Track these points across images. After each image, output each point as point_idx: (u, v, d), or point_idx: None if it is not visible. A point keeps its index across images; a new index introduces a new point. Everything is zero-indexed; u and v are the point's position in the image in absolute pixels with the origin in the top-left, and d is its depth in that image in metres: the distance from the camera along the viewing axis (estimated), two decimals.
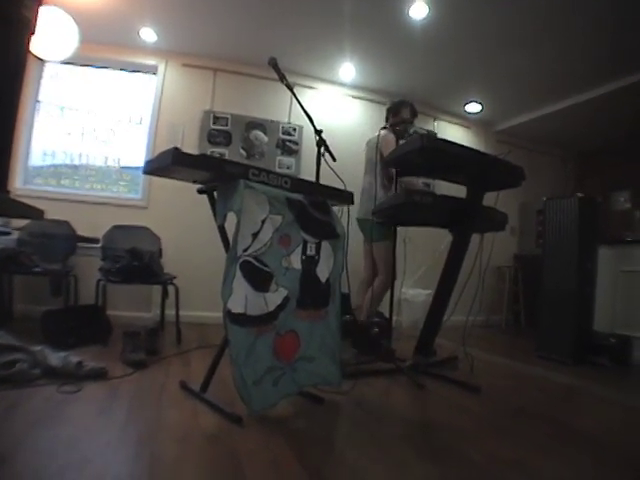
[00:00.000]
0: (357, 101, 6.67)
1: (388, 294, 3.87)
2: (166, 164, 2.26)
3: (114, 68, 5.77)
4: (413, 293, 6.17)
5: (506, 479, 1.90)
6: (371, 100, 6.67)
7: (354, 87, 6.54)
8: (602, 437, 2.51)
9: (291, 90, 3.21)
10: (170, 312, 4.52)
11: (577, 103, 6.19)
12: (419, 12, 4.57)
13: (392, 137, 4.22)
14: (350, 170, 3.74)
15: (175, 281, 4.40)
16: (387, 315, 3.95)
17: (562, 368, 4.31)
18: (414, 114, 4.54)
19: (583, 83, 5.80)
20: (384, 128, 4.28)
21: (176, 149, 2.22)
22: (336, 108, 6.52)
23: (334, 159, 3.09)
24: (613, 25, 4.45)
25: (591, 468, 2.06)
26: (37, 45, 4.37)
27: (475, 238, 3.64)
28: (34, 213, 2.17)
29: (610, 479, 1.95)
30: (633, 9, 4.16)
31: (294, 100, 3.27)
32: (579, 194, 4.74)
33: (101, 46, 5.45)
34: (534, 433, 2.52)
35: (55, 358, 2.83)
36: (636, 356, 4.55)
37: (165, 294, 4.60)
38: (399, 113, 4.48)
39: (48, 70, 5.48)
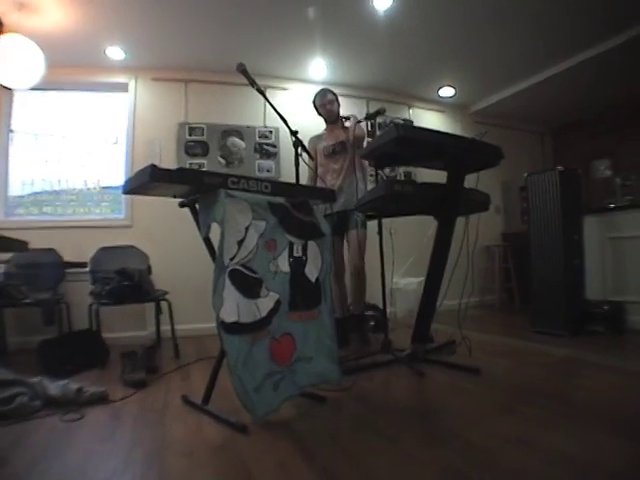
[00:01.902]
0: None
1: (378, 284, 3.86)
2: (144, 182, 2.27)
3: (84, 89, 5.72)
4: (405, 282, 6.20)
5: (509, 457, 1.91)
6: (346, 95, 6.65)
7: (328, 84, 6.50)
8: (604, 406, 2.52)
9: (262, 94, 3.22)
10: (166, 328, 4.51)
11: (549, 77, 6.22)
12: (383, 3, 4.57)
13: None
14: None
15: (167, 296, 4.40)
16: (381, 307, 3.96)
17: (559, 341, 4.33)
18: (323, 96, 4.70)
19: (553, 56, 5.83)
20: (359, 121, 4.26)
21: (153, 166, 2.22)
22: (311, 107, 6.50)
23: (312, 158, 3.10)
24: None
25: (595, 438, 2.07)
26: (3, 75, 4.35)
27: (461, 221, 3.65)
28: (17, 245, 2.17)
29: (614, 448, 1.96)
30: None
31: (268, 104, 3.27)
32: (559, 167, 4.76)
33: (68, 69, 5.41)
34: (536, 409, 2.53)
35: (54, 387, 2.82)
36: (631, 320, 4.59)
37: (159, 311, 4.59)
38: (317, 107, 4.80)
39: (18, 98, 5.44)
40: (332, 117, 4.61)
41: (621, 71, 5.95)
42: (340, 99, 6.65)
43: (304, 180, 3.19)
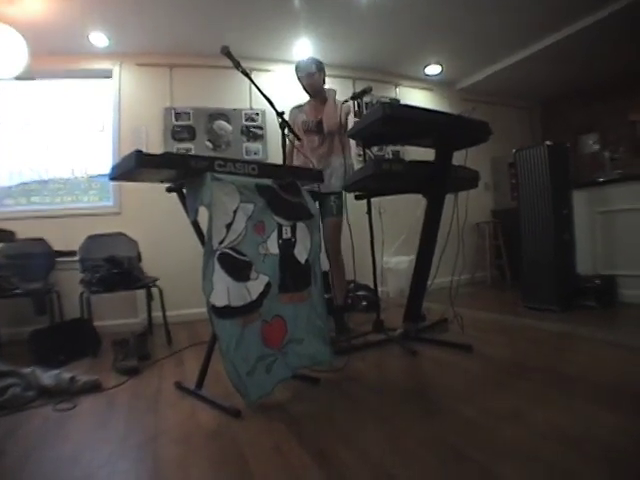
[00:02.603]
0: None
1: (369, 264, 3.86)
2: (130, 168, 2.24)
3: (68, 77, 5.64)
4: (395, 261, 6.20)
5: (503, 432, 1.93)
6: (332, 75, 6.60)
7: None
8: (597, 380, 2.54)
9: (247, 76, 3.18)
10: (157, 314, 4.50)
11: (535, 52, 6.18)
12: None
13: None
14: None
15: (158, 283, 4.39)
16: (372, 287, 3.96)
17: (551, 316, 4.36)
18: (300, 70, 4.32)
19: (538, 31, 5.79)
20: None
21: (138, 152, 2.20)
22: (299, 88, 6.46)
23: (298, 139, 3.07)
24: None
25: (588, 412, 2.09)
26: None
27: (450, 198, 3.64)
28: (4, 235, 2.14)
29: (608, 421, 1.97)
30: None
31: (253, 86, 3.24)
32: (547, 142, 4.75)
33: (52, 57, 5.32)
34: (529, 384, 2.55)
35: (47, 377, 2.81)
36: (622, 294, 4.62)
37: (149, 297, 4.55)
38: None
39: (1, 89, 5.37)
40: (313, 91, 4.26)
41: (607, 45, 5.93)
42: (327, 79, 6.63)
43: (305, 158, 3.18)
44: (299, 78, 4.28)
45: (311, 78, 4.19)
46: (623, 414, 2.03)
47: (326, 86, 4.23)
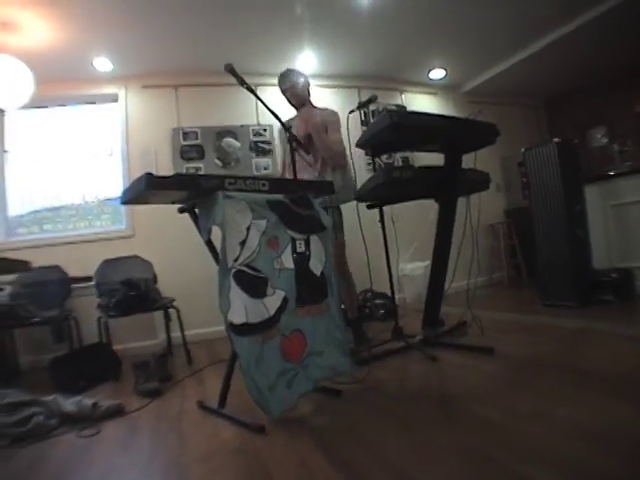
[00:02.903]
0: (325, 89, 6.62)
1: (385, 272, 3.85)
2: (141, 191, 2.26)
3: (75, 103, 5.70)
4: (411, 267, 6.18)
5: (526, 432, 1.92)
6: (337, 86, 6.65)
7: (317, 76, 6.49)
8: (618, 375, 2.52)
9: (252, 92, 3.18)
10: (176, 335, 4.52)
11: (536, 50, 6.18)
12: None
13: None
14: None
15: (175, 303, 4.40)
16: (389, 294, 3.95)
17: (570, 313, 4.32)
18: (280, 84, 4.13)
19: (542, 27, 5.77)
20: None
21: (148, 174, 2.21)
22: None
23: (307, 152, 3.07)
24: None
25: (612, 409, 2.06)
26: None
27: (462, 202, 3.63)
28: (19, 265, 2.16)
29: (627, 414, 1.95)
30: None
31: (259, 101, 3.25)
32: (556, 139, 4.73)
33: (57, 84, 5.37)
34: (551, 383, 2.53)
35: (69, 404, 2.81)
36: (639, 286, 4.58)
37: (167, 318, 4.57)
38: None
39: (9, 119, 5.42)
40: (299, 102, 4.07)
41: (608, 39, 5.90)
42: (331, 90, 6.64)
43: (301, 174, 3.16)
44: (283, 91, 4.10)
45: (295, 88, 4.02)
46: None
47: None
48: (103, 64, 5.30)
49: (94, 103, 5.78)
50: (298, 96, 4.02)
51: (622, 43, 6.08)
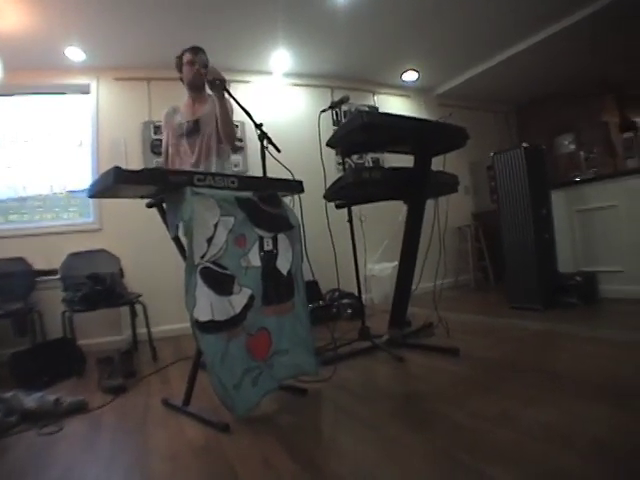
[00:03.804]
0: (298, 88, 6.66)
1: (352, 272, 3.86)
2: (109, 185, 2.23)
3: (45, 92, 5.59)
4: (379, 268, 6.21)
5: (494, 433, 1.93)
6: (310, 85, 6.67)
7: (290, 74, 6.51)
8: (582, 376, 2.57)
9: (227, 91, 3.19)
10: (142, 331, 4.47)
11: (509, 57, 6.29)
12: None
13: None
14: (301, 158, 3.77)
15: (141, 299, 4.37)
16: (357, 294, 3.97)
17: (535, 315, 4.40)
18: (194, 53, 3.64)
19: (512, 36, 5.88)
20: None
21: (117, 168, 2.19)
22: (277, 98, 6.50)
23: (278, 150, 3.06)
24: None
25: (576, 408, 2.10)
26: None
27: (431, 203, 3.67)
28: None
29: (596, 416, 1.99)
30: None
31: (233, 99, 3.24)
32: (524, 144, 4.80)
33: (27, 72, 5.27)
34: (516, 384, 2.56)
35: (30, 400, 2.76)
36: (603, 290, 4.69)
37: (133, 314, 4.52)
38: (182, 64, 3.75)
39: None
40: (197, 85, 3.70)
41: (576, 50, 6.01)
42: (304, 89, 6.66)
43: (272, 172, 3.13)
44: (184, 63, 3.68)
45: (204, 69, 3.46)
46: (609, 408, 2.05)
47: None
48: (75, 54, 5.20)
49: (64, 93, 5.69)
50: (201, 77, 3.50)
51: (590, 55, 6.20)
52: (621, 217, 4.64)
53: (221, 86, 3.26)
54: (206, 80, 3.33)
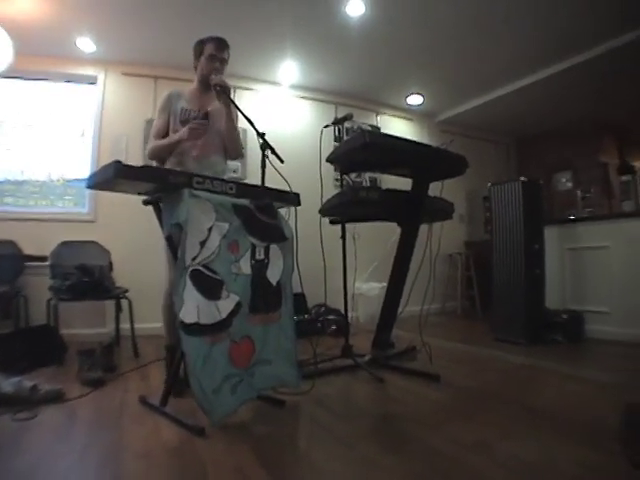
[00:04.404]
0: (303, 101, 6.71)
1: (340, 288, 3.88)
2: (108, 178, 2.24)
3: (52, 80, 5.62)
4: (367, 287, 6.22)
5: (470, 462, 1.94)
6: (315, 99, 6.72)
7: (296, 87, 6.56)
8: (560, 413, 2.59)
9: (231, 100, 3.20)
10: (125, 326, 4.46)
11: (514, 90, 6.36)
12: (356, 9, 4.60)
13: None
14: (300, 171, 3.79)
15: (128, 294, 4.37)
16: (343, 311, 3.97)
17: (518, 349, 4.41)
18: (220, 48, 3.35)
19: (519, 71, 5.95)
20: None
21: (118, 162, 2.20)
22: (281, 109, 6.53)
23: (281, 161, 3.06)
24: (545, 11, 4.55)
25: (551, 444, 2.11)
26: None
27: (424, 228, 3.69)
28: None
29: (570, 453, 2.00)
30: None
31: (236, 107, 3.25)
32: (522, 178, 4.85)
33: (37, 58, 5.31)
34: (495, 415, 2.58)
35: (7, 384, 2.75)
36: (588, 329, 4.72)
37: (119, 308, 4.52)
38: (202, 54, 3.36)
39: None
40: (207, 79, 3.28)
41: (584, 87, 6.09)
42: (309, 102, 6.70)
43: (270, 182, 3.11)
44: (206, 56, 3.33)
45: (223, 65, 3.38)
46: (585, 447, 2.06)
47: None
48: (86, 44, 5.23)
49: (72, 82, 5.71)
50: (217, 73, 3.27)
51: (594, 96, 6.29)
52: (612, 259, 4.68)
53: (227, 96, 3.17)
54: (213, 87, 3.16)
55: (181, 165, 3.14)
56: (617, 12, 4.48)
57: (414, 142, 3.57)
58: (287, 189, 2.98)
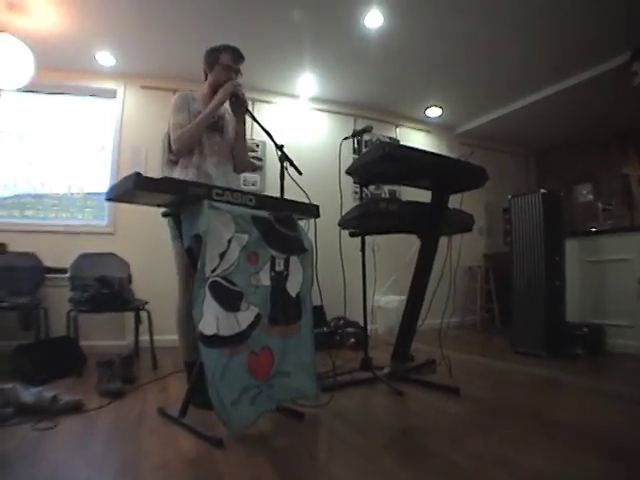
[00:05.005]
0: (322, 114, 6.75)
1: (359, 301, 3.87)
2: (128, 189, 2.24)
3: (72, 94, 5.70)
4: (386, 300, 6.20)
5: (489, 477, 1.92)
6: (334, 112, 6.74)
7: (315, 100, 6.58)
8: (581, 426, 2.56)
9: (251, 115, 3.21)
10: (144, 338, 4.48)
11: (533, 102, 6.33)
12: (374, 21, 4.61)
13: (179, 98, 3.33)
14: (319, 183, 3.79)
15: (147, 306, 4.38)
16: (362, 324, 3.95)
17: (539, 362, 4.36)
18: (236, 59, 3.33)
19: (538, 82, 5.93)
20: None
21: (137, 174, 2.20)
22: (300, 122, 6.55)
23: (300, 173, 3.07)
24: (565, 24, 4.54)
25: (572, 458, 2.08)
26: None
27: (444, 240, 3.67)
28: None
29: (590, 466, 1.97)
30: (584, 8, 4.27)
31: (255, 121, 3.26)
32: (542, 190, 4.82)
33: (57, 72, 5.39)
34: (516, 428, 2.54)
35: (28, 394, 2.77)
36: (609, 343, 4.65)
37: (138, 320, 4.53)
38: (217, 63, 3.36)
39: (4, 99, 5.39)
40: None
41: (605, 98, 6.04)
42: (327, 114, 6.72)
43: (288, 194, 3.11)
44: (223, 66, 3.31)
45: (240, 74, 3.38)
46: (607, 462, 2.03)
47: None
48: (106, 58, 5.31)
49: (92, 96, 5.78)
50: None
51: (616, 106, 6.23)
52: (634, 271, 4.62)
53: (243, 109, 3.21)
54: (229, 96, 3.15)
55: (201, 170, 3.12)
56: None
57: (433, 154, 3.56)
58: (306, 201, 2.98)
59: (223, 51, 3.33)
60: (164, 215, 2.66)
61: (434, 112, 7.13)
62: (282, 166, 3.13)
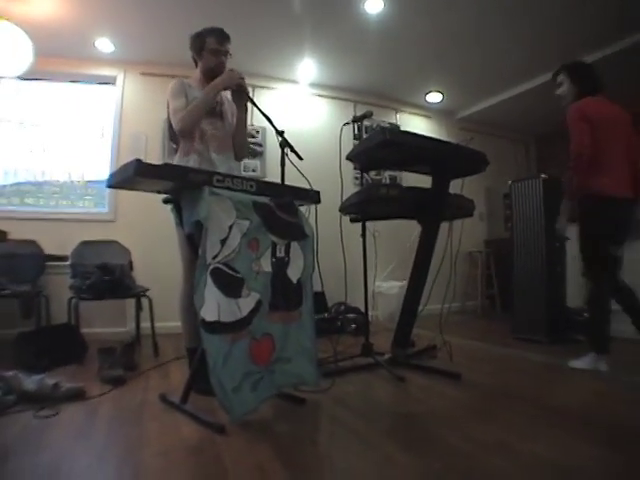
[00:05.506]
0: (322, 99, 6.72)
1: (360, 287, 3.86)
2: (129, 176, 2.23)
3: (72, 81, 5.68)
4: (387, 286, 6.20)
5: (491, 463, 1.91)
6: (334, 97, 6.71)
7: (315, 85, 6.56)
8: (582, 412, 2.56)
9: (252, 101, 3.19)
10: (146, 325, 4.49)
11: (535, 86, 6.28)
12: (374, 7, 4.59)
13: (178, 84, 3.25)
14: (319, 169, 3.77)
15: (148, 293, 4.38)
16: (363, 310, 3.95)
17: (538, 348, 4.37)
18: (222, 41, 3.29)
19: (538, 67, 5.86)
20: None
21: (138, 160, 2.19)
22: (300, 107, 6.53)
23: (300, 158, 3.05)
24: (565, 7, 4.51)
25: (573, 444, 2.08)
26: None
27: (444, 226, 3.67)
28: None
29: (592, 453, 1.97)
30: None
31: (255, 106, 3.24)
32: (543, 175, 4.80)
33: (57, 59, 5.37)
34: (517, 414, 2.54)
35: (30, 382, 2.77)
36: (611, 329, 4.63)
37: (139, 307, 4.53)
38: (203, 49, 3.30)
39: (4, 86, 5.36)
40: (219, 73, 3.17)
41: (607, 82, 6.01)
42: (327, 100, 6.69)
43: (289, 180, 3.10)
44: (210, 51, 3.26)
45: (226, 57, 3.32)
46: (607, 447, 2.03)
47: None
48: (105, 45, 5.29)
49: (91, 83, 5.75)
50: (224, 67, 3.27)
51: (618, 90, 6.18)
52: (634, 256, 4.60)
53: (245, 98, 3.20)
54: (231, 90, 3.19)
55: (204, 156, 3.11)
56: None
57: (434, 139, 3.54)
58: (307, 187, 2.97)
59: (207, 35, 3.28)
60: (165, 202, 2.65)
61: (435, 97, 7.11)
62: (283, 152, 3.11)
